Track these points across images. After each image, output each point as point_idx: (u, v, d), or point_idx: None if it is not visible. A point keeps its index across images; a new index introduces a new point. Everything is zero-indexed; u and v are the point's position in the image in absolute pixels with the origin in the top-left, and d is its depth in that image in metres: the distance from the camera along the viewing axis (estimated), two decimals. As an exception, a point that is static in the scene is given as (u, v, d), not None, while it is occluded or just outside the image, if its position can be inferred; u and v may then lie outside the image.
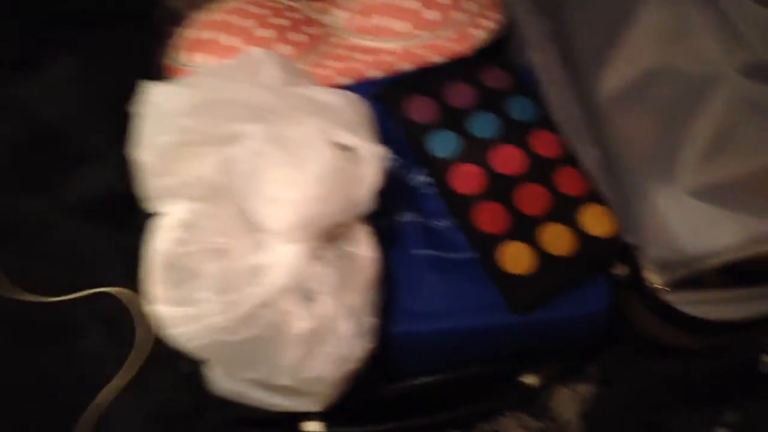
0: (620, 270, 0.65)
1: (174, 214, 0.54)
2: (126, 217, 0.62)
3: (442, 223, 0.65)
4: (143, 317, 0.63)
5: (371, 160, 0.56)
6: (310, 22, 0.75)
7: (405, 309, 0.61)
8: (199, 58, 0.72)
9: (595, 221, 0.65)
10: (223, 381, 0.56)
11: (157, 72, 0.74)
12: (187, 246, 0.52)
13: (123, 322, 0.65)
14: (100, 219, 0.71)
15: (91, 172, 0.74)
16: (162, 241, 0.53)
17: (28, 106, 0.75)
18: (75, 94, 0.77)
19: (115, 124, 0.60)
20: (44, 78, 0.77)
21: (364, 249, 0.57)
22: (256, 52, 0.63)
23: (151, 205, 0.56)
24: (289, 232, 0.52)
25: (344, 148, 0.56)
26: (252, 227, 0.53)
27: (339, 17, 0.76)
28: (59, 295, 0.65)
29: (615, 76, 0.66)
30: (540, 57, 0.74)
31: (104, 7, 0.79)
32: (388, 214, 0.64)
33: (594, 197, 0.66)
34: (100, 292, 0.66)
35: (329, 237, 0.55)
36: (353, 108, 0.59)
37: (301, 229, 0.52)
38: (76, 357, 0.64)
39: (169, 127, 0.54)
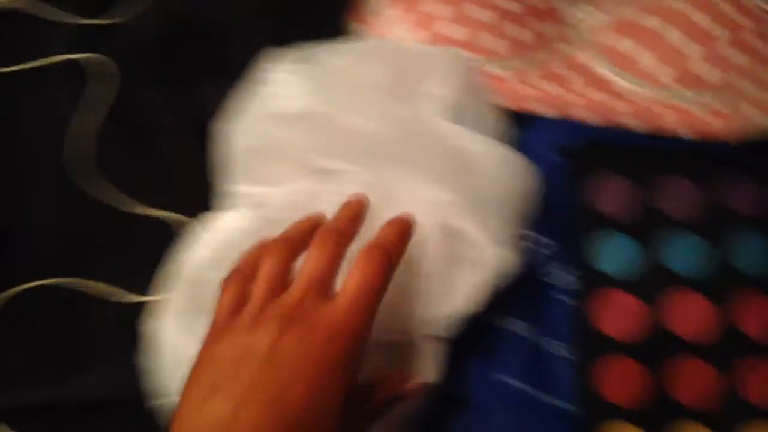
0: None
1: (227, 221, 0.46)
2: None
3: (558, 350, 0.50)
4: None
5: (489, 264, 0.42)
6: (547, 14, 0.58)
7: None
8: (392, 13, 0.59)
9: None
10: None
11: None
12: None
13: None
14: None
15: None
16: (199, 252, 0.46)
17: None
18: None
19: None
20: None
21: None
22: (436, 50, 0.50)
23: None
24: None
25: (456, 233, 0.43)
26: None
27: (591, 19, 0.58)
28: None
29: None
30: None
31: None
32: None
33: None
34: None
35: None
36: (506, 180, 0.45)
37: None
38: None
39: (268, 128, 0.45)
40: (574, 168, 0.52)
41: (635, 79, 0.54)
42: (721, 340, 0.47)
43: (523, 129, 0.54)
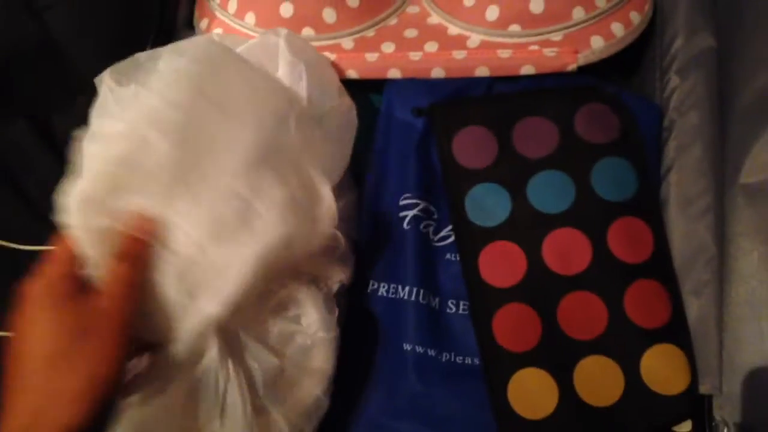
0: (681, 429, 0.48)
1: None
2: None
3: (456, 310, 0.49)
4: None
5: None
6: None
7: (370, 418, 0.47)
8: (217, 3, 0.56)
9: (661, 370, 0.46)
10: None
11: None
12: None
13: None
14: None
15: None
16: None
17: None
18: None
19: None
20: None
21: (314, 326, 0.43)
22: (271, 37, 0.47)
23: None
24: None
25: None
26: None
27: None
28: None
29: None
30: (691, 85, 0.52)
31: None
32: (380, 280, 0.49)
33: (671, 334, 0.47)
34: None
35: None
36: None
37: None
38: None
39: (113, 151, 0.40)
40: (433, 127, 0.51)
41: (464, 23, 0.53)
42: (599, 268, 0.47)
43: (382, 94, 0.54)
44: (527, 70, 0.52)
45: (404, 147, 0.51)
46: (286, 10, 0.53)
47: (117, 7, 0.61)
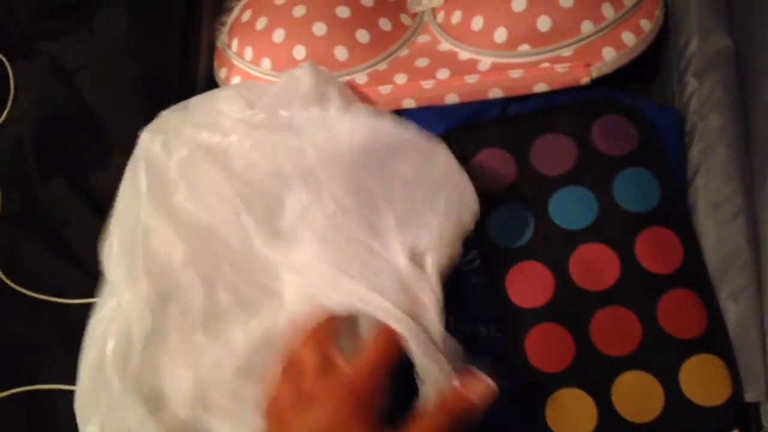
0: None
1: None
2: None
3: (488, 333, 0.49)
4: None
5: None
6: (396, 7, 0.57)
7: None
8: (235, 45, 0.57)
9: (702, 381, 0.45)
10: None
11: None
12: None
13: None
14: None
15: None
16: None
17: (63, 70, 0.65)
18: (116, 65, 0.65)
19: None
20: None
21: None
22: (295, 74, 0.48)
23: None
24: None
25: None
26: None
27: (430, 2, 0.57)
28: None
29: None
30: (710, 87, 0.51)
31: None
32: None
33: (709, 343, 0.46)
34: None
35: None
36: None
37: None
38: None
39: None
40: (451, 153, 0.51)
41: (474, 48, 0.54)
42: (629, 282, 0.47)
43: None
44: (540, 87, 0.52)
45: (424, 176, 0.52)
46: (299, 52, 0.54)
47: (140, 63, 0.64)
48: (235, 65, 0.57)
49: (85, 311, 0.50)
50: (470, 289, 0.50)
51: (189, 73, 0.57)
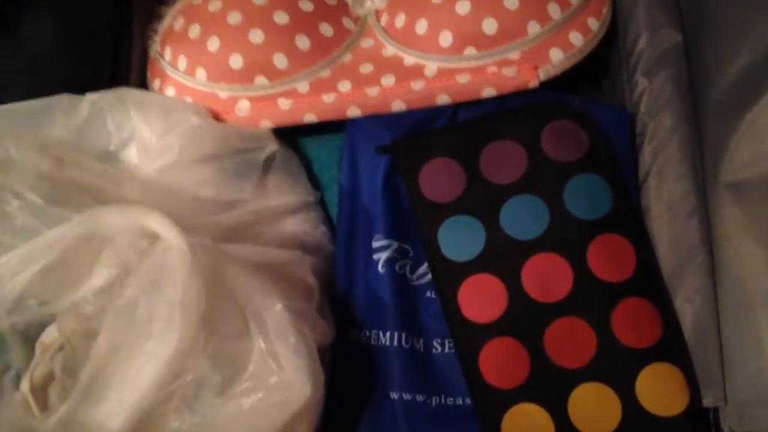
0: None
1: None
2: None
3: (442, 349, 0.48)
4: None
5: None
6: (338, 11, 0.54)
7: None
8: (168, 54, 0.55)
9: (659, 392, 0.45)
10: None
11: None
12: None
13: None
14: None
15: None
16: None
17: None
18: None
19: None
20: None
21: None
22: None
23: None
24: None
25: None
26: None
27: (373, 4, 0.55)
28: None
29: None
30: (660, 85, 0.50)
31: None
32: (361, 328, 0.48)
33: (665, 352, 0.45)
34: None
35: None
36: None
37: None
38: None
39: None
40: (397, 164, 0.49)
41: (419, 52, 0.52)
42: (582, 292, 0.46)
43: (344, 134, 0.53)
44: (488, 92, 0.51)
45: (371, 187, 0.50)
46: (236, 61, 0.52)
47: (68, 77, 0.60)
48: (169, 75, 0.54)
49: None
50: (423, 305, 0.49)
51: (120, 84, 0.54)
